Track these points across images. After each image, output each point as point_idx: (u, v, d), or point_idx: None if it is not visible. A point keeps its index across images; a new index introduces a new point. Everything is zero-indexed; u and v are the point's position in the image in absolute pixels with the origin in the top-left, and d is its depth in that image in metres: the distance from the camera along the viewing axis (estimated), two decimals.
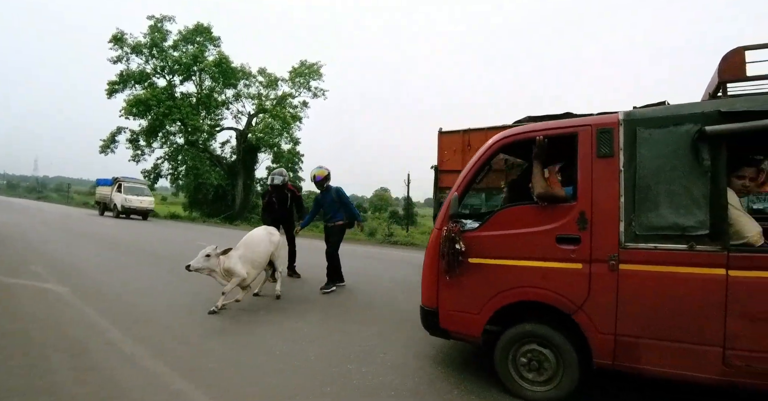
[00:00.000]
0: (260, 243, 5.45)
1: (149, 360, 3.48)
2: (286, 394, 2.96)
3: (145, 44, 27.51)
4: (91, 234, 13.53)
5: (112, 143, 28.58)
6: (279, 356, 3.69)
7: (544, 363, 2.93)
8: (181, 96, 28.73)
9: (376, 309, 5.43)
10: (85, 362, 3.42)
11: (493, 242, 3.11)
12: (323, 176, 6.49)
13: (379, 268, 9.37)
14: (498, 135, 3.31)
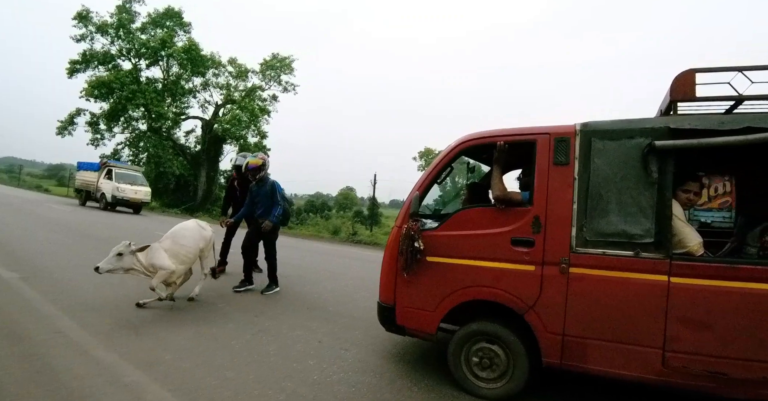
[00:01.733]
0: (189, 237, 4.96)
1: (101, 351, 3.37)
2: (244, 388, 2.93)
3: (112, 24, 26.41)
4: (44, 219, 12.95)
5: (70, 125, 27.27)
6: (237, 350, 3.65)
7: (494, 360, 3.02)
8: (147, 81, 27.77)
9: (338, 306, 5.43)
10: (27, 349, 3.28)
11: (450, 242, 3.18)
12: (257, 166, 5.68)
13: (342, 266, 9.36)
14: (461, 138, 3.40)
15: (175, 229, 4.99)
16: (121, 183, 19.58)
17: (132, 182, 20.24)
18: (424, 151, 44.90)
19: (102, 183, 20.18)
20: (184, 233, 4.97)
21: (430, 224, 3.39)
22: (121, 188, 19.31)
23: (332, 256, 11.11)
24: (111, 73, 26.11)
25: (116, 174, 19.98)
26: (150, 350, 3.48)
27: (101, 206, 20.08)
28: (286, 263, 8.75)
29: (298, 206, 33.61)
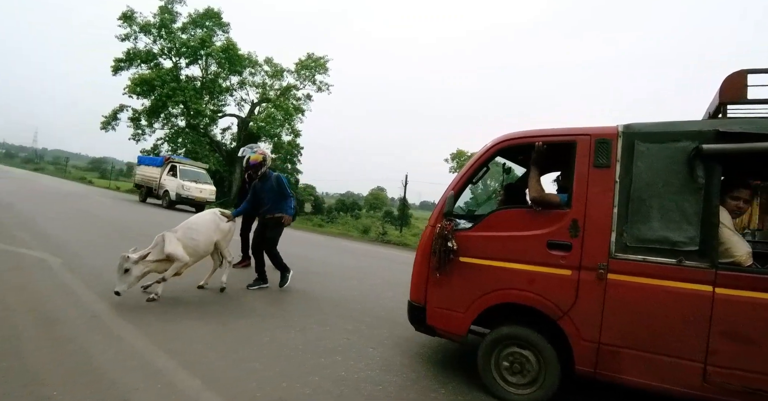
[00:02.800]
0: (202, 229, 4.87)
1: (134, 336, 3.49)
2: (270, 380, 2.97)
3: (154, 24, 27.40)
4: (90, 213, 13.46)
5: (114, 121, 28.40)
6: (264, 343, 3.69)
7: (525, 365, 2.96)
8: (186, 79, 28.61)
9: (366, 304, 5.44)
10: (64, 332, 3.42)
11: (484, 243, 3.14)
12: (257, 161, 5.49)
13: (371, 265, 9.39)
14: (498, 138, 3.35)
15: (191, 220, 4.93)
16: (186, 181, 18.40)
17: (197, 180, 19.11)
18: (456, 152, 44.55)
19: (165, 180, 19.04)
20: (199, 225, 4.90)
21: (464, 224, 3.34)
22: (186, 186, 18.14)
23: (361, 255, 11.15)
24: (153, 71, 27.10)
25: (181, 171, 18.77)
26: (180, 338, 3.57)
27: (164, 204, 18.78)
28: (316, 259, 8.90)
29: (328, 204, 33.88)
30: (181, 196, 18.01)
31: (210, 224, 4.98)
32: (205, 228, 4.90)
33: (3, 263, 5.34)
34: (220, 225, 5.08)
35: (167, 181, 18.83)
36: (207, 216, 5.10)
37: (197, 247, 4.75)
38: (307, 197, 32.86)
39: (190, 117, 27.47)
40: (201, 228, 4.86)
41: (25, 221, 9.16)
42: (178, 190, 17.98)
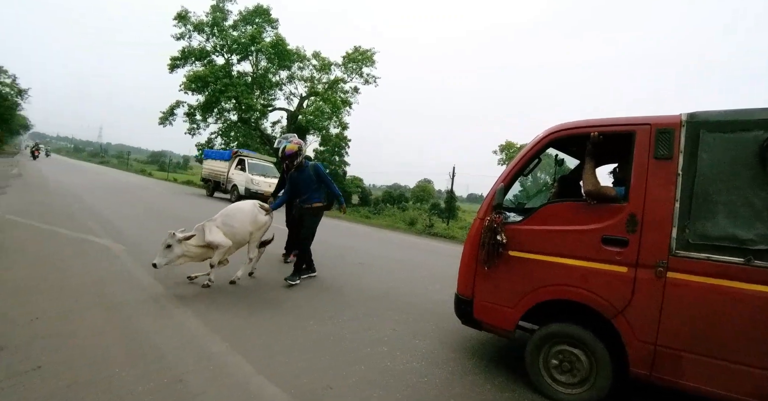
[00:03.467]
0: (240, 218, 4.92)
1: (191, 321, 3.67)
2: (317, 367, 3.04)
3: (207, 23, 28.44)
4: (151, 204, 14.17)
5: (171, 116, 29.77)
6: (312, 331, 3.78)
7: (575, 364, 2.88)
8: (238, 75, 29.46)
9: (412, 296, 5.44)
10: (125, 314, 3.64)
11: (535, 237, 3.05)
12: (293, 151, 5.41)
13: (417, 257, 9.37)
14: (550, 128, 3.23)
15: (230, 208, 4.99)
16: (255, 175, 17.73)
17: (265, 174, 18.34)
18: (505, 144, 43.48)
19: (233, 174, 18.50)
20: (237, 213, 4.94)
21: (514, 217, 3.26)
22: (255, 180, 17.36)
23: (408, 247, 11.15)
24: (206, 68, 28.14)
25: (249, 165, 18.18)
26: (232, 325, 3.70)
27: (232, 199, 17.57)
28: (363, 251, 8.98)
29: (375, 196, 34.03)
30: (250, 190, 17.16)
31: (248, 215, 5.00)
32: (243, 218, 4.94)
33: (72, 249, 5.75)
34: (257, 217, 5.10)
35: (235, 175, 18.33)
36: (248, 206, 5.12)
37: (235, 235, 4.81)
38: (354, 189, 33.16)
39: (241, 111, 28.33)
40: (239, 217, 4.92)
41: (93, 210, 9.78)
42: (247, 184, 17.34)
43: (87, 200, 11.92)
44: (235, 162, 18.84)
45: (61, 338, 3.06)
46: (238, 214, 4.93)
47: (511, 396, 2.92)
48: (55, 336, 3.08)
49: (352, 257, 7.94)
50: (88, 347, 2.97)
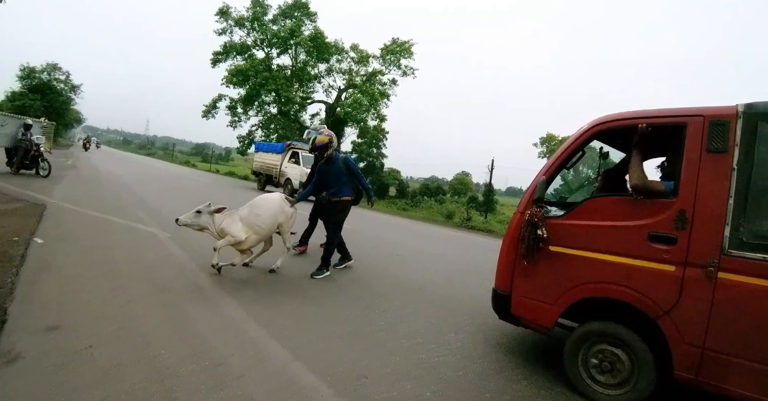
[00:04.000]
0: (268, 209, 4.91)
1: (231, 306, 3.80)
2: (352, 356, 3.08)
3: (247, 18, 29.06)
4: (197, 194, 14.64)
5: (213, 109, 30.67)
6: (348, 321, 3.83)
7: (616, 364, 2.78)
8: (277, 68, 29.98)
9: (448, 289, 5.42)
10: (170, 299, 3.81)
11: (578, 232, 2.95)
12: (323, 143, 5.29)
13: (454, 250, 9.31)
14: (596, 119, 3.11)
15: (257, 199, 4.99)
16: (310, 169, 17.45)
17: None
18: (546, 137, 42.20)
19: (287, 167, 17.47)
20: (264, 204, 4.93)
21: (555, 211, 3.16)
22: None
23: (445, 240, 11.09)
24: (247, 62, 28.84)
25: (304, 158, 16.72)
26: (272, 312, 3.80)
27: (285, 192, 15.54)
28: (400, 243, 9.00)
29: (412, 189, 33.95)
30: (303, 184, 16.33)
31: (275, 207, 5.01)
32: (271, 209, 4.95)
33: (122, 236, 6.05)
34: (284, 208, 5.11)
35: (289, 169, 17.24)
36: (275, 198, 5.13)
37: (261, 226, 4.80)
38: (391, 181, 33.19)
39: (281, 104, 28.83)
40: (267, 208, 4.92)
41: (141, 199, 10.22)
42: (302, 178, 15.75)
43: (135, 189, 12.45)
44: (288, 155, 17.83)
45: (110, 319, 3.23)
46: (266, 205, 4.94)
47: (547, 394, 2.87)
48: (105, 317, 3.26)
49: (388, 249, 7.97)
50: (135, 329, 3.12)
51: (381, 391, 2.64)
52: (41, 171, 12.23)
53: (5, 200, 7.67)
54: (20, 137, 11.99)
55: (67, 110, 42.75)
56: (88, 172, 16.95)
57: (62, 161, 20.34)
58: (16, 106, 32.02)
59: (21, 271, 4.06)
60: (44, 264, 4.36)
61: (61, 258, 4.62)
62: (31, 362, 2.52)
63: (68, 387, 2.30)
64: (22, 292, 3.55)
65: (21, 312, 3.16)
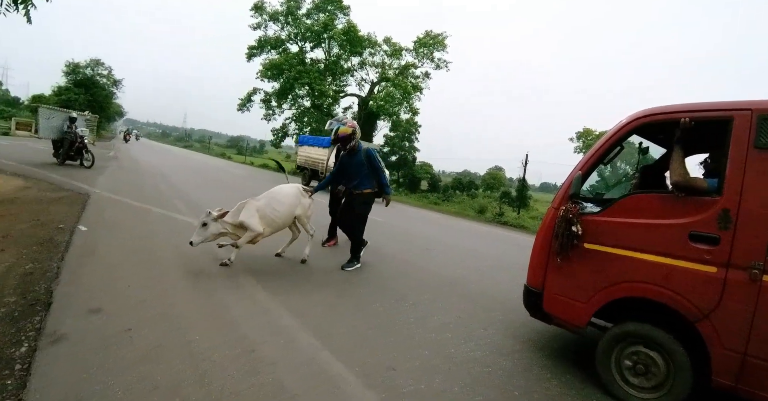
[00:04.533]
0: (285, 201, 4.88)
1: (264, 295, 3.90)
2: (382, 348, 3.11)
3: (282, 12, 29.44)
4: (232, 185, 14.98)
5: (248, 102, 31.36)
6: (378, 313, 3.86)
7: (651, 367, 2.69)
8: (311, 62, 30.26)
9: (479, 285, 5.38)
10: (208, 286, 3.95)
11: (614, 230, 2.87)
12: (346, 134, 5.15)
13: (486, 246, 9.22)
14: (636, 113, 3.01)
15: (273, 190, 4.95)
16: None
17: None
18: (582, 131, 40.98)
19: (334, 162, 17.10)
20: (280, 196, 4.90)
21: (591, 208, 3.08)
22: None
23: (476, 235, 10.99)
24: (281, 56, 29.24)
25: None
26: (303, 302, 3.87)
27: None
28: (431, 237, 8.98)
29: (444, 183, 33.79)
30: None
31: (293, 198, 4.99)
32: (288, 200, 4.92)
33: (160, 225, 6.27)
34: (302, 199, 5.10)
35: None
36: (292, 189, 5.09)
37: (278, 217, 4.80)
38: (423, 175, 33.10)
39: (314, 98, 29.08)
40: (284, 200, 4.90)
41: (178, 190, 10.54)
42: None
43: (173, 180, 12.85)
44: (335, 149, 16.92)
45: (148, 304, 3.37)
46: (285, 197, 4.92)
47: (577, 394, 2.82)
48: (144, 302, 3.40)
49: (419, 243, 7.97)
50: (172, 314, 3.25)
51: (409, 384, 2.65)
52: (85, 162, 12.75)
53: (52, 190, 8.05)
54: (66, 129, 12.54)
55: (109, 104, 44.33)
56: (129, 163, 17.54)
57: (105, 152, 21.16)
58: (62, 100, 33.39)
59: (66, 257, 4.26)
60: (87, 251, 4.57)
61: (103, 245, 4.82)
62: (74, 342, 2.66)
63: (108, 368, 2.41)
64: (67, 276, 3.74)
65: (66, 295, 3.33)
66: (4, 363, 2.35)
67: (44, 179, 9.25)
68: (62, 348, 2.57)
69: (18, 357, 2.43)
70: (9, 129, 26.65)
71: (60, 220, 5.65)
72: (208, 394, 2.27)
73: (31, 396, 2.09)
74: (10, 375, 2.25)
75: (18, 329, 2.75)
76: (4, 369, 2.30)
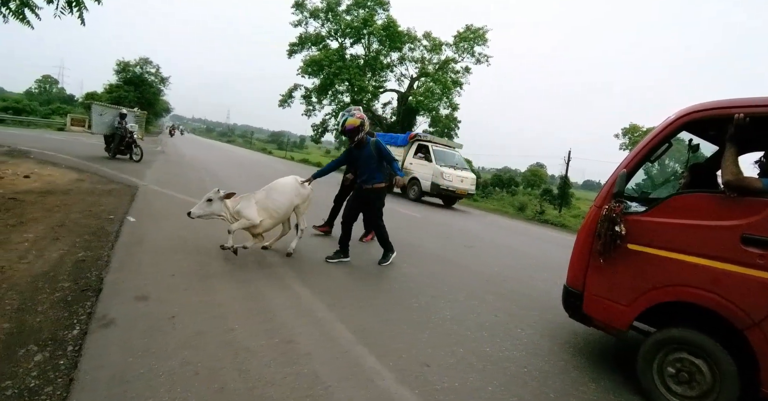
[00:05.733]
0: (283, 192, 4.86)
1: (300, 287, 3.98)
2: (417, 344, 3.11)
3: (322, 9, 29.78)
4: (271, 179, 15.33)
5: (289, 98, 31.97)
6: (414, 309, 3.86)
7: (695, 376, 2.56)
8: (351, 58, 30.48)
9: (517, 283, 5.31)
10: (246, 277, 4.08)
11: (660, 230, 2.75)
12: (354, 126, 4.89)
13: (525, 244, 9.06)
14: (686, 108, 2.86)
15: (272, 183, 4.93)
16: (445, 167, 13.81)
17: (454, 165, 14.46)
18: (628, 128, 39.30)
19: (413, 164, 14.76)
20: (279, 188, 4.88)
21: (636, 207, 2.98)
22: (446, 173, 13.47)
23: (516, 233, 10.82)
24: (321, 52, 29.61)
25: (436, 153, 14.27)
26: (339, 295, 3.93)
27: (412, 196, 14.51)
28: (470, 234, 8.90)
29: (484, 179, 33.36)
30: (439, 187, 13.49)
31: (292, 189, 4.96)
32: (287, 191, 4.91)
33: None
34: (300, 190, 5.05)
35: (416, 166, 14.56)
36: (290, 180, 5.06)
37: (279, 208, 4.77)
38: None
39: (354, 93, 29.31)
40: (283, 190, 4.89)
41: (222, 183, 10.81)
42: (435, 179, 13.57)
43: (216, 174, 13.24)
44: (413, 149, 15.12)
45: (191, 292, 3.50)
46: (284, 188, 4.91)
47: (615, 400, 2.73)
48: (187, 290, 3.53)
49: (459, 240, 7.92)
50: (212, 302, 3.36)
51: (443, 381, 2.64)
52: (134, 156, 13.30)
53: (103, 182, 8.45)
54: (116, 125, 13.14)
55: (157, 101, 46.03)
56: (175, 157, 18.18)
57: (152, 147, 21.98)
58: (113, 97, 34.94)
59: (116, 246, 4.47)
60: (135, 240, 4.78)
61: (150, 235, 5.03)
62: (122, 327, 2.79)
63: (153, 352, 2.52)
64: (116, 265, 3.92)
65: (115, 282, 3.50)
66: (58, 344, 2.50)
67: (96, 172, 9.71)
68: (111, 332, 2.70)
69: (70, 339, 2.58)
70: (64, 125, 28.27)
71: (110, 211, 5.94)
72: (245, 382, 2.33)
73: (82, 376, 2.20)
74: (63, 356, 2.39)
75: (71, 313, 2.91)
76: (58, 350, 2.44)
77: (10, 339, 2.49)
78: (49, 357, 2.36)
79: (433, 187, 13.65)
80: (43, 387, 2.09)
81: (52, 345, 2.49)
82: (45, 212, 5.47)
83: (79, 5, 5.10)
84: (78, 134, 23.25)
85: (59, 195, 6.60)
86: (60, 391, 2.07)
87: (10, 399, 1.98)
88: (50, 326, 2.70)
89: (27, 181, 7.52)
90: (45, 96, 52.86)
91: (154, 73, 43.57)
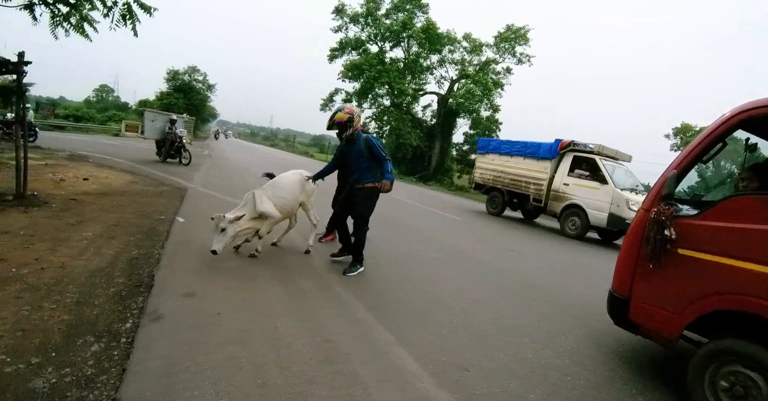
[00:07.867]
0: (289, 188, 4.82)
1: (341, 288, 4.04)
2: (457, 347, 3.08)
3: (361, 14, 30.09)
4: None
5: (330, 102, 32.38)
6: (455, 312, 3.82)
7: (751, 391, 2.37)
8: (390, 61, 30.64)
9: (561, 289, 5.18)
10: (287, 276, 4.18)
11: (713, 235, 2.60)
12: (342, 121, 4.59)
13: (568, 248, 8.80)
14: (741, 106, 2.70)
15: (277, 178, 4.93)
16: (625, 191, 9.66)
17: (635, 188, 10.22)
18: (680, 127, 37.32)
19: (570, 186, 10.58)
20: (285, 183, 4.86)
21: (687, 210, 2.83)
22: (632, 201, 9.20)
23: (558, 237, 10.50)
24: (361, 56, 30.03)
25: (612, 171, 10.13)
26: (378, 296, 3.96)
27: (571, 231, 10.34)
28: (511, 237, 8.71)
29: None
30: (624, 221, 9.05)
31: (297, 185, 4.91)
32: (293, 187, 4.87)
33: None
34: (306, 186, 5.01)
35: (576, 189, 10.42)
36: (295, 176, 4.99)
37: (285, 205, 4.77)
38: None
39: (394, 96, 29.45)
40: (289, 187, 4.85)
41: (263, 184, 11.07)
42: (616, 209, 9.42)
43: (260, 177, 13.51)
44: (566, 163, 10.93)
45: (237, 291, 3.60)
46: (289, 184, 4.85)
47: None
48: (233, 288, 3.64)
49: (499, 243, 7.80)
50: (257, 300, 3.46)
51: (483, 386, 2.60)
52: (183, 160, 13.86)
53: (154, 184, 8.86)
54: (167, 130, 13.78)
55: (204, 107, 47.74)
56: (221, 161, 18.77)
57: (200, 151, 22.76)
58: (163, 104, 36.54)
59: (166, 245, 4.66)
60: (184, 239, 4.97)
61: (198, 235, 5.20)
62: (170, 322, 2.90)
63: (199, 347, 2.60)
64: (167, 262, 4.09)
65: (165, 279, 3.64)
66: (113, 336, 2.64)
67: (148, 175, 10.18)
68: (161, 326, 2.82)
69: (124, 332, 2.71)
70: (119, 131, 29.79)
71: (161, 211, 6.21)
72: (287, 379, 2.37)
73: (133, 366, 2.30)
74: (117, 347, 2.51)
75: (124, 307, 3.06)
76: (112, 341, 2.57)
77: (70, 329, 2.64)
78: (104, 348, 2.48)
79: (612, 221, 9.45)
80: (99, 375, 2.20)
81: (107, 336, 2.62)
82: (102, 212, 5.78)
83: (132, 18, 5.38)
84: (132, 139, 24.42)
85: (115, 196, 6.95)
86: (114, 380, 2.17)
87: (69, 385, 2.09)
88: (106, 319, 2.84)
89: (86, 183, 7.96)
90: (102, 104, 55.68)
91: (201, 80, 45.25)
